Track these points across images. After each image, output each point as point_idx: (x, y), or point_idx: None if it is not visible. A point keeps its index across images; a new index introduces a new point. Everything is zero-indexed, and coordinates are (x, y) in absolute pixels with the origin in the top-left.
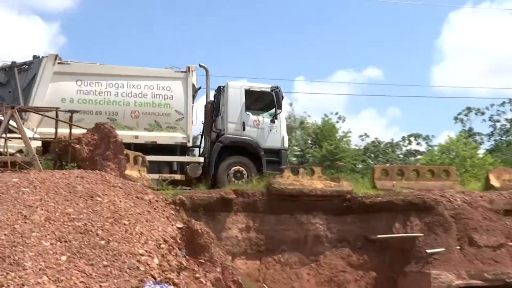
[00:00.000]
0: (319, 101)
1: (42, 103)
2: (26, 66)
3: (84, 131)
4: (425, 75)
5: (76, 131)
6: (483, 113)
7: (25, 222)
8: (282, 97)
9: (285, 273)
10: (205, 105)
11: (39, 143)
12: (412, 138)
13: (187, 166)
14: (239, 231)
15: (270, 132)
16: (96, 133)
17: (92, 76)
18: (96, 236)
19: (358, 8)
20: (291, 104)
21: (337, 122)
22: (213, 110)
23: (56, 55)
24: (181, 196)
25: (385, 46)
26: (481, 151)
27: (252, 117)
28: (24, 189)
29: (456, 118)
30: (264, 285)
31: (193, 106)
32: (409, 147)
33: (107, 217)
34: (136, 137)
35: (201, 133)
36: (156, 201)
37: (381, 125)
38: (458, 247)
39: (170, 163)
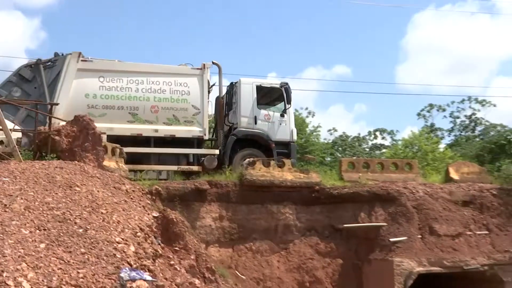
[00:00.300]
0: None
1: (67, 98)
2: (51, 63)
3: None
4: (390, 73)
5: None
6: (444, 110)
7: (5, 211)
8: (291, 93)
9: (256, 260)
10: (218, 100)
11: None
12: (377, 133)
13: (204, 158)
14: (212, 220)
15: (280, 126)
16: (75, 125)
17: (114, 72)
18: (74, 225)
19: (329, 8)
20: None
21: (307, 117)
22: (226, 105)
23: (80, 53)
24: (157, 187)
25: (353, 45)
26: (442, 146)
27: (263, 111)
28: (4, 178)
29: (419, 114)
30: (236, 271)
31: (208, 101)
32: (374, 141)
33: (85, 206)
34: (156, 130)
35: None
36: (133, 191)
37: (349, 120)
38: (420, 236)
39: (187, 155)
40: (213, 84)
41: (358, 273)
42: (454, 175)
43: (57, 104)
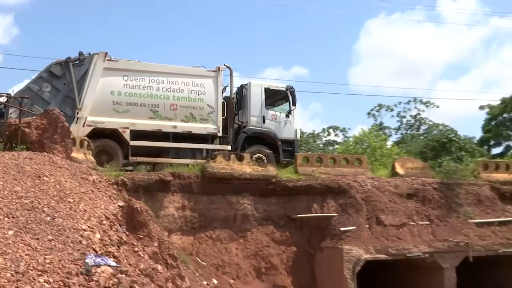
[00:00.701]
0: None
1: (94, 95)
2: (79, 62)
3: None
4: (343, 75)
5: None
6: (392, 110)
7: None
8: (296, 96)
9: (216, 248)
10: (229, 100)
11: None
12: (331, 130)
13: (216, 153)
14: (175, 210)
15: (285, 125)
16: (45, 118)
17: (137, 72)
18: (42, 213)
19: (290, 12)
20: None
21: None
22: (236, 105)
23: (106, 53)
24: (123, 177)
25: (311, 48)
26: (389, 143)
27: (270, 111)
28: None
29: (369, 113)
30: (197, 258)
31: (223, 101)
32: (328, 137)
33: (53, 195)
34: (175, 127)
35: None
36: (100, 181)
37: (304, 118)
38: (367, 226)
39: (202, 150)
40: (226, 86)
41: (311, 260)
42: (399, 170)
43: (27, 98)
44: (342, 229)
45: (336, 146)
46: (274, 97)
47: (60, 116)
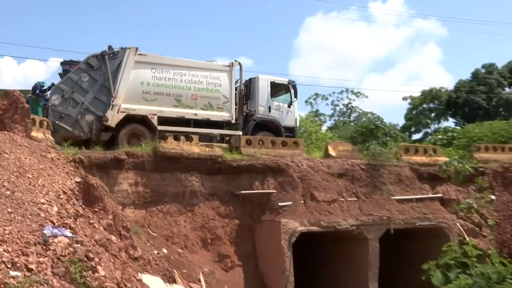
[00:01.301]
0: None
1: (127, 85)
2: (112, 55)
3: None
4: (285, 66)
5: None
6: (327, 99)
7: None
8: (297, 89)
9: (166, 220)
10: (239, 92)
11: None
12: None
13: (229, 138)
14: (129, 186)
15: (287, 114)
16: (6, 99)
17: (163, 66)
18: (2, 187)
19: (236, 7)
20: None
21: None
22: (245, 96)
23: (137, 48)
24: (80, 156)
25: (255, 41)
26: (323, 128)
27: (275, 102)
28: None
29: (306, 101)
30: (148, 230)
31: (235, 93)
32: None
33: (13, 171)
34: (195, 114)
35: None
36: (58, 159)
37: None
38: (302, 201)
39: (217, 135)
40: (238, 79)
41: (252, 231)
42: (332, 152)
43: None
44: (280, 204)
45: None
46: (277, 90)
47: (20, 98)
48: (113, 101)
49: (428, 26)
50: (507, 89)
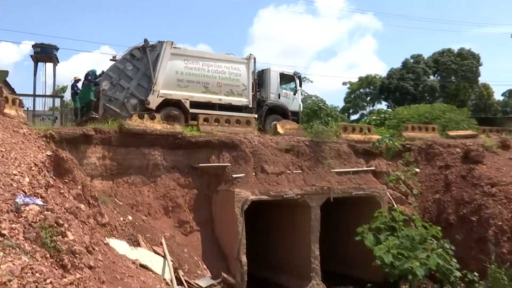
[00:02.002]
0: None
1: (165, 73)
2: (151, 48)
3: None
4: (240, 52)
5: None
6: None
7: None
8: (301, 79)
9: (131, 190)
10: (253, 81)
11: None
12: None
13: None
14: (97, 159)
15: (293, 101)
16: None
17: (193, 57)
18: None
19: None
20: None
21: None
22: (257, 85)
23: (172, 42)
24: (51, 131)
25: (212, 29)
26: None
27: (283, 90)
28: None
29: None
30: (115, 199)
31: (252, 82)
32: None
33: None
34: (220, 99)
35: None
36: (30, 134)
37: None
38: (254, 173)
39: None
40: (254, 71)
41: (209, 200)
42: (280, 130)
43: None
44: (234, 176)
45: None
46: (285, 79)
47: None
48: (153, 87)
49: (365, 20)
50: (431, 77)
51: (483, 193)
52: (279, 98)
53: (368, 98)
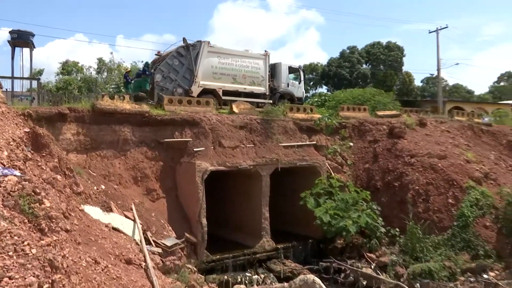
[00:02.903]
0: (133, 52)
1: (203, 68)
2: (192, 46)
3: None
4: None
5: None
6: None
7: None
8: (304, 71)
9: (104, 163)
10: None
11: None
12: None
13: (264, 104)
14: (72, 135)
15: (298, 89)
16: None
17: (225, 54)
18: None
19: None
20: (111, 53)
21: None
22: (271, 75)
23: (208, 42)
24: (28, 110)
25: (178, 20)
26: None
27: (291, 80)
28: None
29: None
30: (89, 170)
31: (268, 74)
32: None
33: None
34: (245, 88)
35: None
36: (8, 112)
37: None
38: (212, 147)
39: (257, 103)
40: (269, 64)
41: (173, 171)
42: (235, 109)
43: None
44: (195, 149)
45: None
46: (292, 71)
47: None
48: (195, 79)
49: (310, 15)
50: (364, 66)
51: (404, 163)
52: (288, 86)
53: (311, 83)
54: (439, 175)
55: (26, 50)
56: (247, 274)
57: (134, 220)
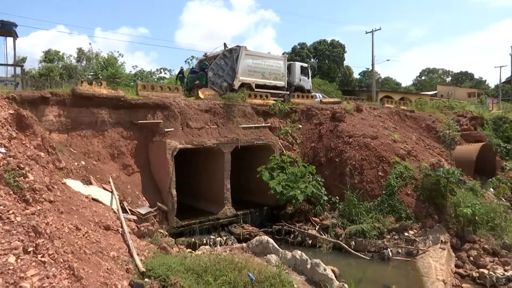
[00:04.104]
0: (108, 43)
1: (242, 67)
2: (234, 50)
3: None
4: (172, 35)
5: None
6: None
7: None
8: (311, 68)
9: (83, 142)
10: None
11: None
12: (162, 70)
13: (284, 95)
14: (54, 117)
15: (307, 83)
16: None
17: (256, 56)
18: None
19: None
20: (90, 44)
21: (118, 56)
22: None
23: (245, 46)
24: (13, 94)
25: (153, 14)
26: None
27: (302, 76)
28: None
29: (186, 61)
30: (70, 148)
31: (287, 71)
32: (160, 74)
33: None
34: (271, 83)
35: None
36: None
37: (146, 61)
38: (181, 128)
39: (279, 94)
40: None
41: (146, 148)
42: (201, 95)
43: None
44: (165, 130)
45: (165, 79)
46: (303, 69)
47: None
48: (236, 75)
49: (268, 15)
50: (312, 60)
51: (344, 142)
52: (300, 81)
53: None
54: (372, 152)
55: (10, 40)
56: (212, 236)
57: (111, 192)
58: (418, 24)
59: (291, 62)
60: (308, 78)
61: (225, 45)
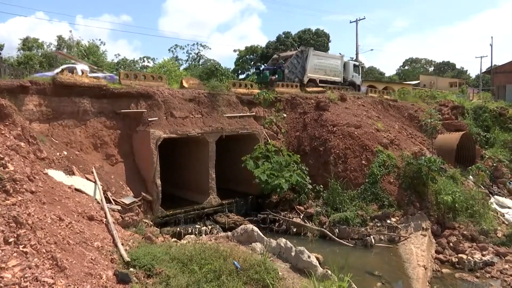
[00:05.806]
0: (90, 31)
1: (311, 65)
2: (304, 51)
3: None
4: (155, 23)
5: None
6: (183, 48)
7: None
8: (362, 67)
9: (65, 131)
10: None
11: None
12: (145, 58)
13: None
14: (34, 106)
15: (358, 79)
16: None
17: (320, 56)
18: None
19: None
20: (70, 31)
21: (100, 44)
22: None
23: (313, 48)
24: None
25: (136, 1)
26: (181, 68)
27: (354, 73)
28: None
29: (169, 50)
30: (52, 138)
31: (343, 69)
32: (143, 63)
33: None
34: (331, 78)
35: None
36: None
37: (129, 50)
38: (165, 118)
39: (337, 88)
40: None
41: (130, 138)
42: (185, 84)
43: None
44: (149, 119)
45: (148, 68)
46: (354, 67)
47: None
48: (306, 72)
49: (253, 3)
50: (292, 49)
51: (328, 131)
52: (352, 77)
53: (252, 62)
54: (355, 141)
55: None
56: (197, 226)
57: (95, 182)
58: (401, 14)
59: (346, 61)
60: (359, 75)
61: (300, 48)
